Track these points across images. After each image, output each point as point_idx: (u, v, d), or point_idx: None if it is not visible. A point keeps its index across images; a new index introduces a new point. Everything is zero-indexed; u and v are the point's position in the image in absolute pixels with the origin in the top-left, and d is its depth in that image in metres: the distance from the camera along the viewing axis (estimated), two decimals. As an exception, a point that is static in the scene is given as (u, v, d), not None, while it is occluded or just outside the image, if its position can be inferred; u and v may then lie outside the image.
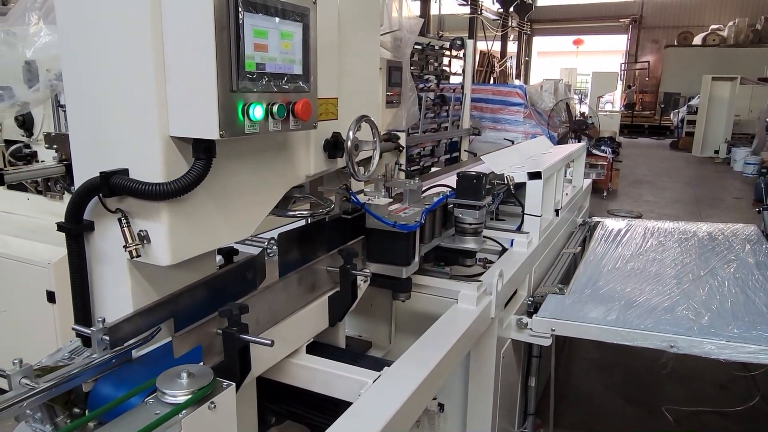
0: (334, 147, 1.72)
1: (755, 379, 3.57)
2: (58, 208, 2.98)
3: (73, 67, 1.35)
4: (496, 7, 20.43)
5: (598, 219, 3.96)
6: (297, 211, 1.77)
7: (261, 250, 1.99)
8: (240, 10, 1.19)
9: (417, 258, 1.96)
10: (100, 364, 1.23)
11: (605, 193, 9.63)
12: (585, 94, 15.11)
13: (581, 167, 3.93)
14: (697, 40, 21.50)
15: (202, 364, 1.23)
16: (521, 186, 2.68)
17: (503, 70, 20.19)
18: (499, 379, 2.20)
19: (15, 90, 2.91)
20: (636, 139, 19.12)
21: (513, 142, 7.17)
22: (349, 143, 1.68)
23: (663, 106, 20.34)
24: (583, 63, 22.72)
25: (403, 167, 5.27)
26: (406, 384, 1.44)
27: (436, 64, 7.47)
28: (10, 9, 3.18)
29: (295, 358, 1.62)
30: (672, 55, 21.37)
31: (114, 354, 1.25)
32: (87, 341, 1.29)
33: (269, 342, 1.26)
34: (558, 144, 6.41)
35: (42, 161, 3.08)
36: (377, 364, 1.60)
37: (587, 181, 4.19)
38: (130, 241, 1.29)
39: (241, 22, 1.19)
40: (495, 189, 2.56)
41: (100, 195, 1.30)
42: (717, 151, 14.46)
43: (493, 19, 20.26)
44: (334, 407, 1.55)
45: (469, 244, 2.16)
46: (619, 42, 25.38)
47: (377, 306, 2.14)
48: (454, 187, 2.16)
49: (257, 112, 1.26)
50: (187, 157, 1.29)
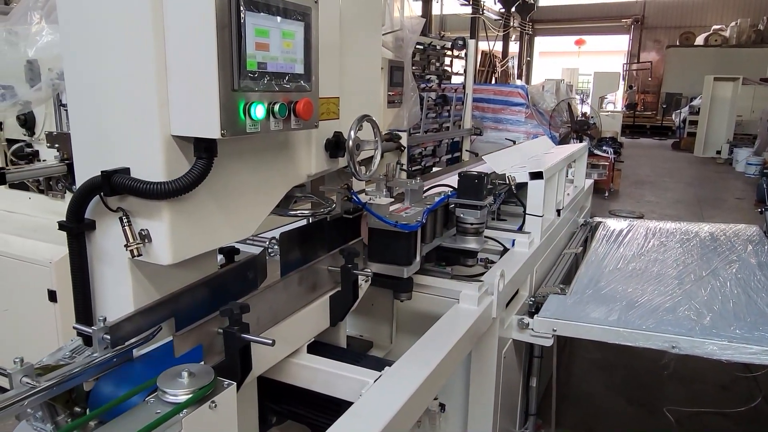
0: (336, 146, 1.71)
1: (757, 380, 3.56)
2: (59, 207, 2.98)
3: (75, 67, 1.35)
4: (498, 7, 20.43)
5: (599, 219, 3.96)
6: (298, 211, 1.77)
7: (262, 249, 1.99)
8: (242, 9, 1.19)
9: (418, 258, 1.95)
10: (101, 363, 1.23)
11: (607, 194, 9.62)
12: (587, 95, 15.07)
13: (583, 167, 3.93)
14: (699, 40, 21.47)
15: (203, 363, 1.23)
16: (523, 186, 2.67)
17: (505, 70, 20.19)
18: (501, 380, 2.20)
19: (17, 89, 2.92)
20: (638, 140, 19.11)
21: (515, 142, 7.17)
22: (350, 143, 1.67)
23: (665, 106, 20.32)
24: (584, 63, 22.71)
25: (404, 167, 5.26)
26: (407, 384, 1.44)
27: (438, 64, 7.47)
28: (12, 8, 3.18)
29: (296, 357, 1.62)
30: (674, 56, 21.35)
31: (115, 353, 1.25)
32: (88, 340, 1.29)
33: (270, 341, 1.26)
34: (560, 144, 6.41)
35: (44, 160, 3.09)
36: (378, 364, 1.60)
37: (589, 182, 4.18)
38: (131, 240, 1.29)
39: (242, 21, 1.19)
40: (496, 189, 2.56)
41: (102, 194, 1.30)
42: (719, 152, 14.44)
43: (495, 19, 20.26)
44: (335, 407, 1.54)
45: (471, 244, 2.15)
46: (621, 42, 25.35)
47: (378, 306, 2.14)
48: (456, 186, 2.16)
49: (259, 112, 1.26)
50: (188, 156, 1.29)
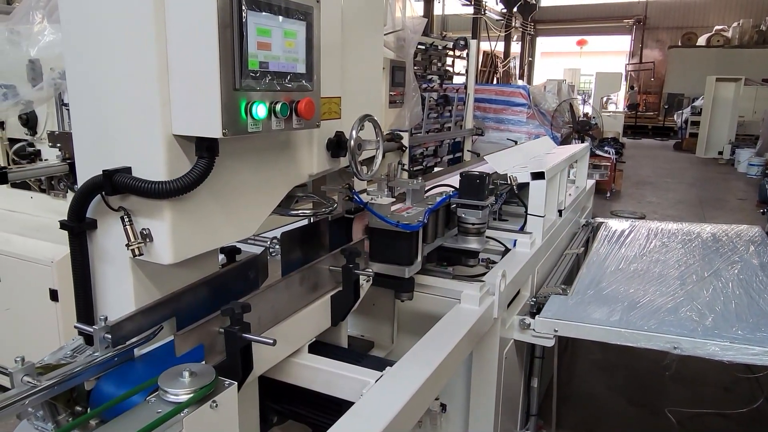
0: (337, 146, 1.71)
1: (759, 381, 3.55)
2: (61, 207, 2.98)
3: (77, 66, 1.35)
4: (500, 7, 20.41)
5: (601, 220, 3.96)
6: (299, 211, 1.77)
7: (263, 249, 1.99)
8: (244, 8, 1.19)
9: (420, 258, 1.95)
10: (102, 362, 1.23)
11: (608, 194, 9.61)
12: (588, 95, 15.07)
13: (584, 168, 3.92)
14: (702, 40, 21.45)
15: (204, 363, 1.23)
16: (524, 186, 2.67)
17: (506, 71, 20.19)
18: (502, 380, 2.20)
19: (19, 88, 2.92)
20: (639, 140, 19.09)
21: (516, 143, 7.16)
22: (352, 142, 1.67)
23: (667, 107, 20.31)
24: (586, 63, 22.70)
25: (405, 167, 5.27)
26: (408, 384, 1.44)
27: (440, 64, 7.49)
28: (14, 8, 3.19)
29: (298, 357, 1.62)
30: (676, 56, 21.33)
31: (116, 352, 1.25)
32: (89, 339, 1.29)
33: (271, 341, 1.26)
34: (561, 144, 6.40)
35: (45, 160, 3.09)
36: (379, 364, 1.59)
37: (590, 182, 4.18)
38: (132, 239, 1.29)
39: (244, 20, 1.19)
40: (498, 189, 2.56)
41: (103, 193, 1.30)
42: (721, 152, 14.42)
43: (497, 20, 20.25)
44: (336, 407, 1.54)
45: (472, 244, 2.15)
46: (623, 43, 25.33)
47: (380, 306, 2.13)
48: (457, 187, 2.16)
49: (260, 111, 1.26)
50: (189, 155, 1.29)
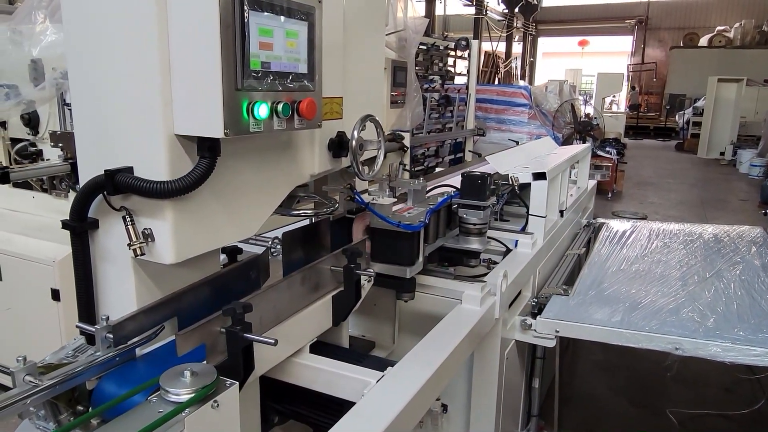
0: (339, 146, 1.71)
1: (760, 382, 3.55)
2: (63, 207, 2.99)
3: (79, 66, 1.35)
4: (501, 7, 20.40)
5: (602, 220, 3.95)
6: (301, 211, 1.77)
7: (265, 249, 1.99)
8: (245, 8, 1.19)
9: (421, 258, 1.95)
10: (103, 361, 1.23)
11: (610, 195, 9.60)
12: (590, 95, 15.06)
13: (586, 168, 3.92)
14: (703, 41, 21.42)
15: (205, 362, 1.23)
16: (526, 186, 2.67)
17: (508, 71, 20.17)
18: (503, 380, 2.20)
19: (21, 88, 2.93)
20: (641, 141, 19.07)
21: (518, 143, 7.16)
22: (353, 143, 1.67)
23: (668, 107, 20.29)
24: (588, 64, 22.66)
25: (407, 167, 5.27)
26: (409, 384, 1.44)
27: (441, 65, 7.48)
28: (16, 8, 3.20)
29: (299, 357, 1.62)
30: (678, 57, 21.32)
31: (117, 352, 1.25)
32: (91, 339, 1.30)
33: (273, 341, 1.26)
34: (563, 145, 6.40)
35: (47, 159, 3.10)
36: (381, 364, 1.59)
37: (592, 183, 4.17)
38: (134, 239, 1.29)
39: (246, 20, 1.19)
40: (499, 190, 2.55)
41: (105, 193, 1.30)
42: (723, 153, 14.40)
43: (498, 20, 20.24)
44: (338, 407, 1.54)
45: (473, 244, 2.15)
46: (624, 43, 25.31)
47: (381, 306, 2.13)
48: (459, 187, 2.16)
49: (262, 111, 1.26)
50: (191, 155, 1.29)
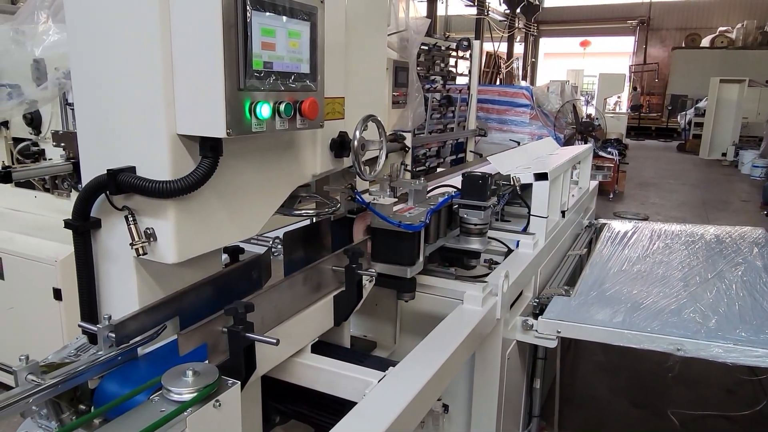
0: (341, 146, 1.72)
1: (762, 383, 3.54)
2: (65, 206, 2.99)
3: (82, 66, 1.36)
4: (503, 8, 20.39)
5: (604, 221, 3.95)
6: (303, 211, 1.77)
7: (267, 249, 1.99)
8: (248, 8, 1.19)
9: (422, 258, 1.95)
10: (105, 361, 1.23)
11: (612, 195, 9.59)
12: (592, 96, 15.05)
13: (587, 169, 3.92)
14: (705, 42, 21.39)
15: (207, 362, 1.23)
16: (528, 187, 2.67)
17: (509, 71, 20.14)
18: (504, 381, 2.19)
19: (23, 88, 2.94)
20: (643, 141, 19.05)
21: (519, 143, 7.16)
22: (355, 143, 1.67)
23: (670, 108, 20.27)
24: (589, 64, 22.64)
25: (408, 168, 5.27)
26: (410, 384, 1.44)
27: (443, 65, 7.47)
28: (19, 8, 3.20)
29: (300, 357, 1.62)
30: (679, 57, 21.29)
31: (120, 351, 1.25)
32: (93, 338, 1.30)
33: (275, 341, 1.26)
34: (564, 145, 6.40)
35: (49, 159, 3.10)
36: (382, 364, 1.59)
37: (593, 183, 4.17)
38: (136, 238, 1.29)
39: (249, 20, 1.20)
40: (500, 190, 2.55)
41: (108, 192, 1.31)
42: (724, 154, 14.38)
43: (500, 20, 20.21)
44: (339, 407, 1.54)
45: (474, 244, 2.15)
46: (626, 44, 25.27)
47: (382, 306, 2.13)
48: (459, 187, 2.16)
49: (264, 111, 1.26)
50: (194, 155, 1.29)
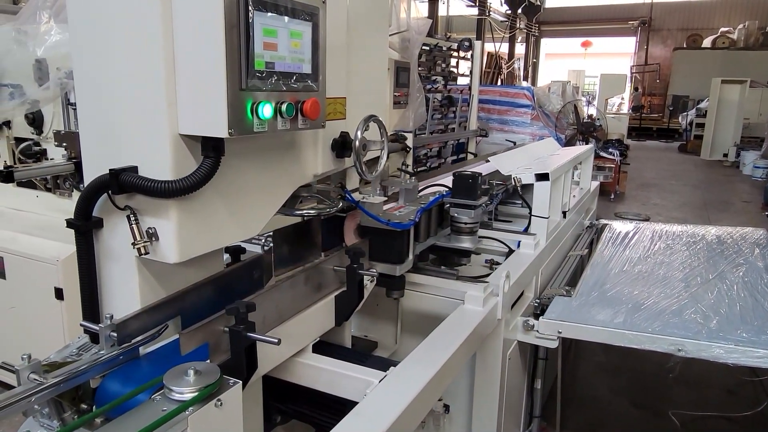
0: (342, 146, 1.72)
1: (763, 384, 3.55)
2: (66, 206, 3.00)
3: (84, 66, 1.36)
4: (504, 8, 20.39)
5: (605, 221, 3.95)
6: (304, 211, 1.77)
7: (269, 248, 2.00)
8: (250, 9, 1.19)
9: (411, 256, 1.97)
10: (107, 360, 1.23)
11: (613, 196, 9.59)
12: (593, 96, 15.05)
13: (589, 169, 3.92)
14: (707, 42, 21.36)
15: (208, 361, 1.23)
16: (529, 187, 2.67)
17: (511, 72, 20.13)
18: (505, 381, 2.20)
19: (25, 88, 2.94)
20: (644, 142, 19.04)
21: (515, 144, 7.17)
22: (357, 143, 1.68)
23: (672, 108, 20.25)
24: (591, 65, 22.63)
25: (409, 168, 5.26)
26: (411, 384, 1.44)
27: (444, 65, 7.46)
28: (21, 8, 3.21)
29: (302, 357, 1.62)
30: (681, 58, 21.26)
31: (121, 351, 1.26)
32: (95, 338, 1.30)
33: (276, 340, 1.26)
34: (565, 146, 6.39)
35: (51, 159, 3.11)
36: (383, 364, 1.60)
37: (595, 184, 4.17)
38: (138, 238, 1.29)
39: (251, 20, 1.20)
40: (493, 189, 2.55)
41: (110, 192, 1.31)
42: (726, 155, 14.36)
43: (501, 21, 20.22)
44: (340, 407, 1.54)
45: (465, 243, 2.18)
46: (627, 44, 25.25)
47: (383, 306, 2.14)
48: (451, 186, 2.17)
49: (266, 111, 1.26)
50: (195, 155, 1.30)
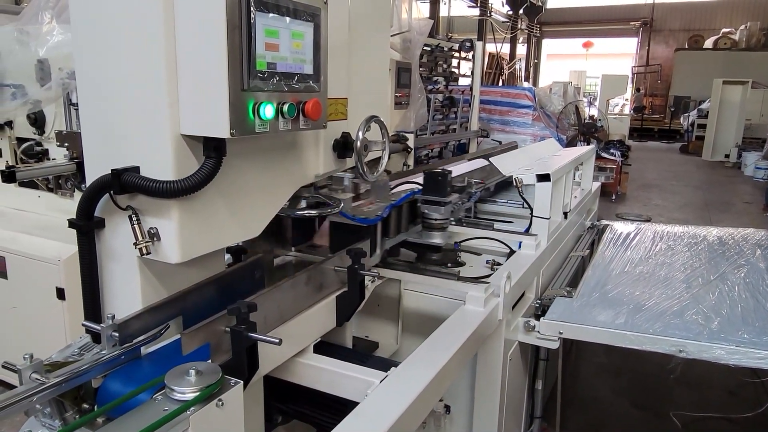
0: (344, 147, 1.72)
1: (765, 385, 3.54)
2: (68, 206, 3.00)
3: (86, 66, 1.36)
4: (506, 9, 20.39)
5: (606, 222, 3.94)
6: (305, 211, 1.78)
7: (270, 249, 2.00)
8: (252, 9, 1.19)
9: (378, 251, 2.00)
10: (109, 360, 1.23)
11: (614, 197, 9.58)
12: (594, 97, 15.04)
13: (590, 170, 3.91)
14: (708, 43, 21.35)
15: (210, 361, 1.23)
16: (530, 188, 2.67)
17: (512, 73, 20.12)
18: (506, 382, 2.20)
19: (27, 88, 2.95)
20: (645, 143, 19.03)
21: (500, 143, 7.17)
22: (358, 143, 1.68)
23: (673, 109, 20.23)
24: (592, 66, 22.62)
25: (411, 168, 5.26)
26: (412, 385, 1.44)
27: (445, 66, 7.47)
28: (23, 8, 3.21)
29: (303, 357, 1.62)
30: (683, 59, 21.25)
31: (123, 350, 1.26)
32: (96, 337, 1.30)
33: (277, 340, 1.27)
34: (567, 147, 6.39)
35: (53, 159, 3.11)
36: (384, 365, 1.60)
37: (596, 184, 4.16)
38: (140, 238, 1.30)
39: (252, 21, 1.20)
40: (471, 188, 2.55)
41: (111, 192, 1.31)
42: (727, 156, 14.35)
43: (503, 21, 20.21)
44: (341, 407, 1.55)
45: (435, 239, 2.22)
46: (629, 45, 25.23)
47: (384, 307, 2.14)
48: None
49: (268, 111, 1.26)
50: (197, 155, 1.30)
